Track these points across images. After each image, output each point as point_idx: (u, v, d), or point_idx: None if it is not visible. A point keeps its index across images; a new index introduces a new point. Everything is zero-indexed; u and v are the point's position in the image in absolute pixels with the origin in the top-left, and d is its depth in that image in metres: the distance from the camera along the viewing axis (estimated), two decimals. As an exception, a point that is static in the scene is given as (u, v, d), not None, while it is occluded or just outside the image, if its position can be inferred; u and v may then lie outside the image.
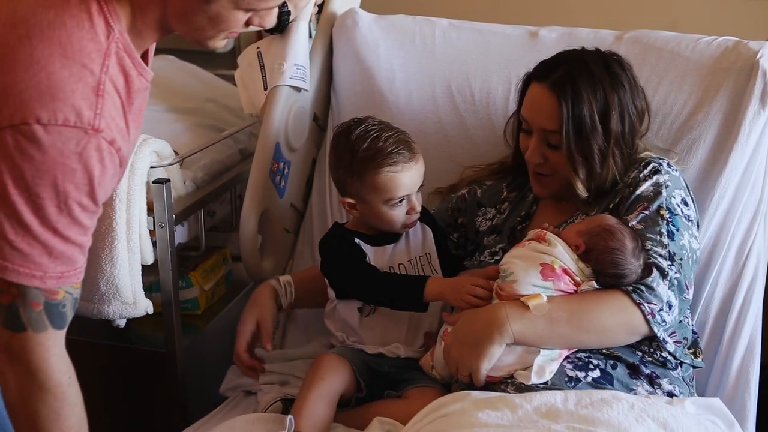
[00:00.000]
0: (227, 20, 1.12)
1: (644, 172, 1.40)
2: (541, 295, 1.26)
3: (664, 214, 1.35)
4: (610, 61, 1.42)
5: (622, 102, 1.39)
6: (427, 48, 1.78)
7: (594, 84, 1.38)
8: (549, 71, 1.41)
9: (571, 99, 1.36)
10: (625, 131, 1.40)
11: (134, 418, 1.71)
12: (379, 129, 1.44)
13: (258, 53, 1.71)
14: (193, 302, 1.77)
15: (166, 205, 1.55)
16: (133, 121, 1.19)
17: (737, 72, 1.55)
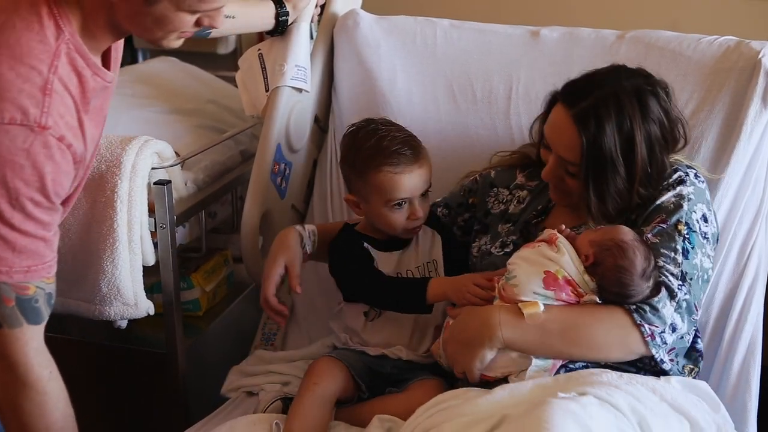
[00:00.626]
0: (173, 22, 1.15)
1: (669, 180, 1.34)
2: (538, 303, 1.25)
3: (681, 230, 1.30)
4: (643, 94, 1.32)
5: (652, 139, 1.31)
6: (428, 48, 1.78)
7: (621, 120, 1.29)
8: (577, 98, 1.32)
9: (594, 134, 1.28)
10: (652, 166, 1.32)
11: (135, 418, 1.71)
12: (387, 129, 1.45)
13: (259, 55, 1.71)
14: (195, 303, 1.77)
15: (168, 206, 1.55)
16: (91, 119, 1.22)
17: (739, 71, 1.55)
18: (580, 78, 1.37)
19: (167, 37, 1.19)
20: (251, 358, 1.67)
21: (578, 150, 1.29)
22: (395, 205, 1.42)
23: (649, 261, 1.26)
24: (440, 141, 1.73)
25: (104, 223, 1.52)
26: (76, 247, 1.55)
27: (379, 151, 1.41)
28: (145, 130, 1.70)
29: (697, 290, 1.30)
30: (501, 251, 1.46)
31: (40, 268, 1.17)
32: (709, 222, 1.34)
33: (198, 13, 1.16)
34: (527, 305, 1.25)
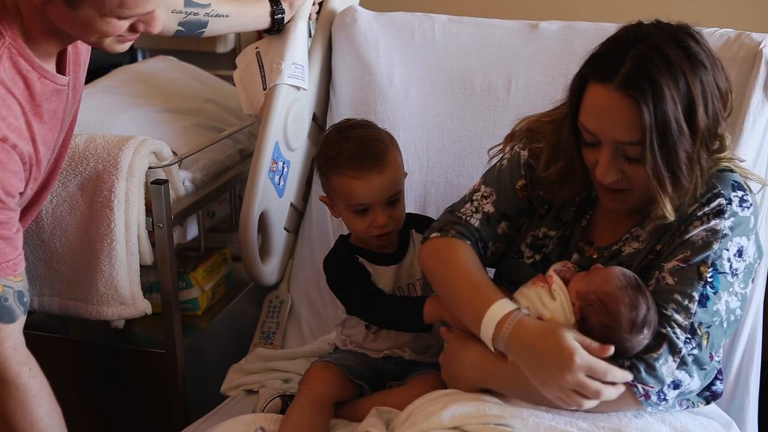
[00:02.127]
0: (102, 27, 1.16)
1: (705, 209, 1.17)
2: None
3: (704, 273, 1.14)
4: (681, 37, 1.12)
5: (706, 88, 1.11)
6: (427, 43, 1.77)
7: (674, 73, 1.08)
8: (613, 67, 1.10)
9: (653, 100, 1.08)
10: (710, 124, 1.12)
11: (135, 418, 1.71)
12: (356, 132, 1.41)
13: (257, 53, 1.71)
14: (194, 302, 1.76)
15: (165, 205, 1.54)
16: (45, 123, 1.24)
17: (740, 62, 1.53)
18: (602, 47, 1.16)
19: (102, 41, 1.20)
20: (250, 356, 1.67)
21: (638, 124, 1.08)
22: (356, 211, 1.39)
23: (638, 310, 1.12)
24: (438, 135, 1.73)
25: (101, 223, 1.52)
26: (73, 247, 1.55)
27: (340, 154, 1.38)
28: (142, 129, 1.70)
29: (718, 336, 1.16)
30: (530, 255, 1.33)
31: (3, 267, 1.18)
32: (744, 254, 1.17)
33: (127, 19, 1.16)
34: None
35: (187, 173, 1.69)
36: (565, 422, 1.15)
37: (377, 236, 1.40)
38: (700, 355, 1.15)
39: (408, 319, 1.38)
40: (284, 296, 1.77)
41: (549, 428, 1.14)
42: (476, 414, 1.16)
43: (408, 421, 1.21)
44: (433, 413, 1.18)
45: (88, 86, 1.89)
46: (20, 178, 1.21)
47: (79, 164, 1.53)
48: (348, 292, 1.43)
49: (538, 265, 1.31)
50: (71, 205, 1.54)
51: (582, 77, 1.16)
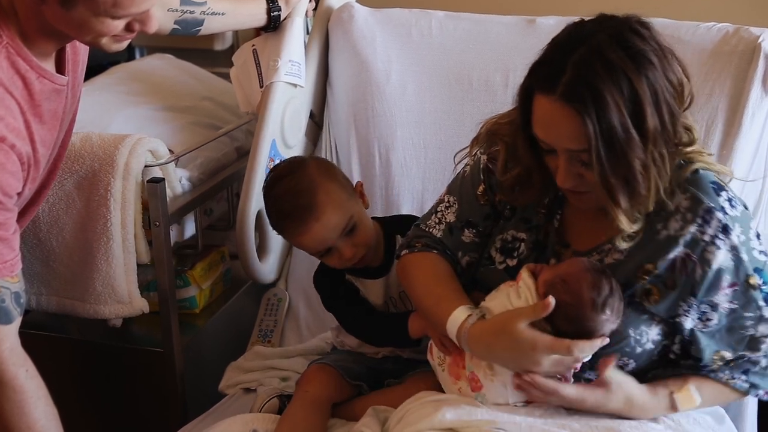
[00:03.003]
0: (97, 27, 1.15)
1: (709, 230, 1.14)
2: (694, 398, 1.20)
3: (754, 283, 1.16)
4: (625, 35, 1.07)
5: (655, 86, 1.06)
6: (424, 39, 1.77)
7: (617, 78, 1.04)
8: (554, 76, 1.07)
9: (596, 110, 1.04)
10: (664, 121, 1.07)
11: (133, 416, 1.71)
12: (276, 191, 1.38)
13: (253, 51, 1.70)
14: (192, 301, 1.76)
15: (161, 204, 1.54)
16: (45, 123, 1.24)
17: (739, 56, 1.53)
18: (544, 53, 1.12)
19: (98, 41, 1.19)
20: (248, 354, 1.67)
21: (583, 133, 1.06)
22: (321, 254, 1.39)
23: (600, 290, 1.11)
24: (436, 131, 1.72)
25: (98, 222, 1.52)
26: (70, 246, 1.55)
27: (275, 215, 1.39)
28: (139, 127, 1.69)
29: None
30: (499, 259, 1.30)
31: (0, 268, 1.17)
32: (760, 237, 1.19)
33: (122, 18, 1.15)
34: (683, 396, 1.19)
35: (184, 171, 1.68)
36: (558, 425, 1.15)
37: (356, 264, 1.39)
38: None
39: (398, 337, 1.38)
40: (282, 294, 1.77)
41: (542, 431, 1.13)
42: (469, 418, 1.16)
43: (401, 422, 1.21)
44: (425, 415, 1.18)
45: (85, 84, 1.86)
46: (18, 179, 1.20)
47: (75, 163, 1.53)
48: (339, 314, 1.44)
49: (512, 270, 1.26)
50: (67, 204, 1.54)
51: (527, 88, 1.13)
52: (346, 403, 1.42)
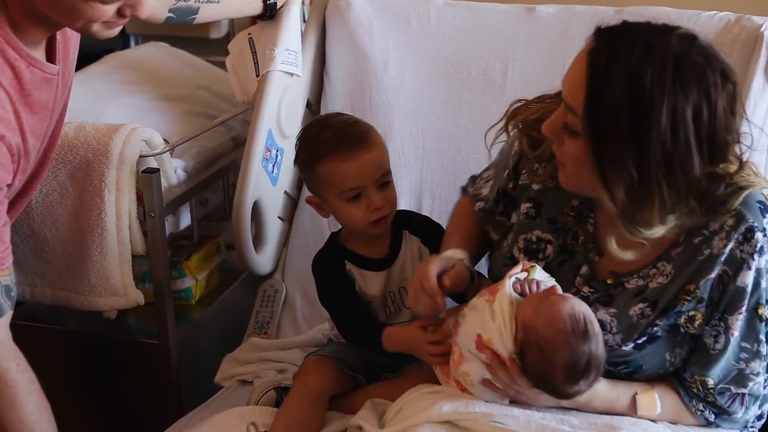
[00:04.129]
0: (88, 13, 1.13)
1: (745, 248, 1.11)
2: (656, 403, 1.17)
3: (762, 313, 1.13)
4: (687, 64, 1.01)
5: (678, 111, 1.00)
6: (422, 27, 1.75)
7: (639, 69, 1.00)
8: (608, 36, 1.05)
9: (600, 73, 1.02)
10: (677, 155, 1.01)
11: (128, 408, 1.70)
12: (331, 122, 1.38)
13: (249, 39, 1.68)
14: (187, 292, 1.75)
15: (156, 194, 1.52)
16: (35, 113, 1.21)
17: (741, 45, 1.51)
18: (611, 26, 1.07)
19: (89, 27, 1.17)
20: (245, 345, 1.65)
21: (582, 88, 1.03)
22: (350, 198, 1.34)
23: (576, 365, 1.05)
24: (434, 121, 1.71)
25: (92, 213, 1.51)
26: (64, 237, 1.54)
27: (322, 142, 1.35)
28: (133, 117, 1.67)
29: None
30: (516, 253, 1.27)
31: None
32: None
33: (112, 3, 1.13)
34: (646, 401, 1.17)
35: (179, 161, 1.67)
36: (557, 420, 1.14)
37: (375, 222, 1.35)
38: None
39: (373, 347, 1.34)
40: (278, 285, 1.75)
41: (540, 426, 1.13)
42: (466, 411, 1.15)
43: (399, 416, 1.21)
44: (423, 408, 1.18)
45: (78, 73, 1.85)
46: (8, 170, 1.18)
47: (69, 153, 1.51)
48: (331, 300, 1.41)
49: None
50: (61, 195, 1.52)
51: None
52: (344, 395, 1.40)
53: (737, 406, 1.17)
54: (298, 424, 1.29)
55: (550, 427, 1.13)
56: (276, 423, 1.30)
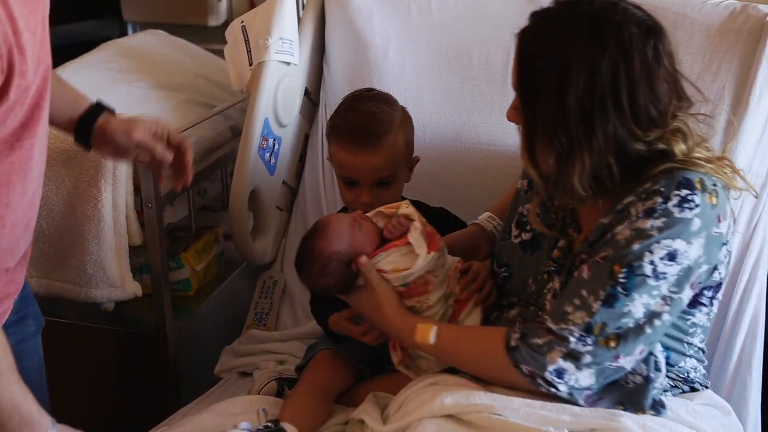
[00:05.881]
0: None
1: (639, 206, 1.10)
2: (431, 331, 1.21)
3: (617, 273, 1.09)
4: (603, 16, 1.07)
5: (594, 69, 1.05)
6: (422, 15, 1.72)
7: (561, 35, 1.07)
8: (530, 19, 1.13)
9: (528, 46, 1.10)
10: (596, 112, 1.05)
11: (127, 400, 1.70)
12: (365, 105, 1.40)
13: (242, 27, 1.66)
14: (185, 283, 1.74)
15: (154, 185, 1.50)
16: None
17: (747, 33, 1.48)
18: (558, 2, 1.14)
19: None
20: (244, 337, 1.65)
21: (516, 71, 1.12)
22: (345, 182, 1.41)
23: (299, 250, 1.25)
24: (435, 110, 1.69)
25: (88, 204, 1.49)
26: (60, 227, 1.52)
27: (341, 123, 1.40)
28: (131, 106, 1.65)
29: (635, 339, 1.10)
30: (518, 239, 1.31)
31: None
32: (680, 257, 1.09)
33: None
34: (423, 330, 1.22)
35: (176, 151, 1.65)
36: (558, 409, 1.13)
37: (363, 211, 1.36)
38: (598, 352, 1.10)
39: (326, 329, 1.40)
40: (278, 276, 1.74)
41: (542, 417, 1.11)
42: (467, 403, 1.14)
43: (401, 411, 1.20)
44: (424, 402, 1.16)
45: (75, 62, 1.85)
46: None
47: (65, 142, 1.49)
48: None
49: (526, 244, 1.28)
50: (57, 185, 1.51)
51: None
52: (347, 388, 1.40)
53: (548, 349, 1.11)
54: (305, 415, 1.29)
55: (552, 418, 1.12)
56: (285, 411, 1.30)
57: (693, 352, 1.22)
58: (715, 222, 1.11)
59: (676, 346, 1.19)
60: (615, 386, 1.14)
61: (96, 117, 1.25)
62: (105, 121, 1.24)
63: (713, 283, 1.17)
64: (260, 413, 1.29)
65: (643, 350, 1.12)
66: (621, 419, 1.11)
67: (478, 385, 1.19)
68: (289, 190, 1.78)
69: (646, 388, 1.13)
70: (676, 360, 1.20)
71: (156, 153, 1.24)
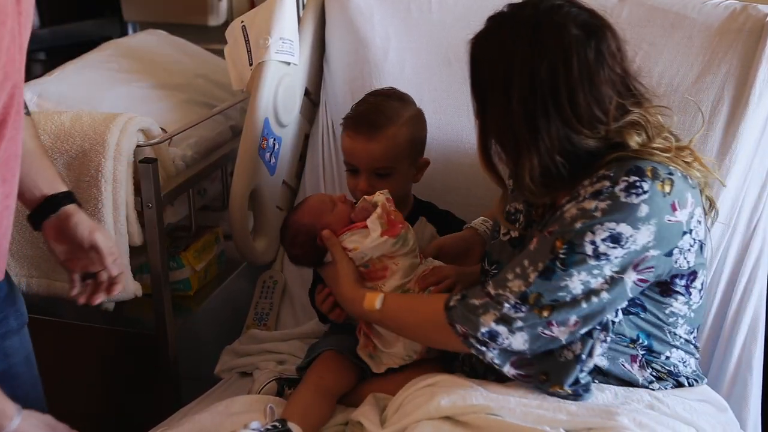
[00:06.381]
0: None
1: (588, 189, 1.13)
2: (376, 298, 1.30)
3: (557, 248, 1.12)
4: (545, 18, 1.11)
5: (534, 71, 1.09)
6: (422, 15, 1.72)
7: (505, 39, 1.12)
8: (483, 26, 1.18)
9: (477, 51, 1.17)
10: (538, 114, 1.09)
11: (127, 400, 1.70)
12: (374, 98, 1.48)
13: (242, 27, 1.66)
14: (185, 283, 1.74)
15: (154, 185, 1.51)
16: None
17: (747, 33, 1.48)
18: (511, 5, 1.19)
19: None
20: (244, 337, 1.65)
21: (469, 71, 1.19)
22: (348, 169, 1.48)
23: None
24: (435, 110, 1.68)
25: (89, 204, 1.49)
26: (60, 228, 1.52)
27: (351, 112, 1.49)
28: (131, 106, 1.66)
29: (568, 312, 1.11)
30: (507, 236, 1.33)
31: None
32: (626, 242, 1.10)
33: None
34: (370, 297, 1.30)
35: (177, 151, 1.65)
36: (554, 408, 1.13)
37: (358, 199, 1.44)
38: (529, 318, 1.13)
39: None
40: (278, 276, 1.74)
41: (538, 417, 1.12)
42: (464, 404, 1.14)
43: (399, 412, 1.20)
44: (421, 404, 1.17)
45: (75, 61, 1.85)
46: None
47: (65, 143, 1.49)
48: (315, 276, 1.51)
49: (515, 241, 1.30)
50: (58, 185, 1.50)
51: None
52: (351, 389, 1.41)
53: (483, 311, 1.15)
54: (310, 415, 1.31)
55: (548, 417, 1.12)
56: (290, 410, 1.31)
57: (680, 343, 1.22)
58: (668, 210, 1.12)
59: (657, 334, 1.20)
60: (548, 356, 1.16)
61: (67, 202, 1.25)
62: (74, 209, 1.25)
63: (683, 271, 1.17)
64: (268, 411, 1.29)
65: (578, 323, 1.13)
66: (617, 418, 1.11)
67: (475, 384, 1.20)
68: (289, 190, 1.78)
69: (573, 367, 1.15)
70: (660, 349, 1.21)
71: (106, 262, 1.25)
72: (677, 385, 1.23)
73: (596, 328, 1.14)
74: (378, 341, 1.36)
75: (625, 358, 1.20)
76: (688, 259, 1.16)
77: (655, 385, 1.21)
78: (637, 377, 1.20)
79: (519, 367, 1.17)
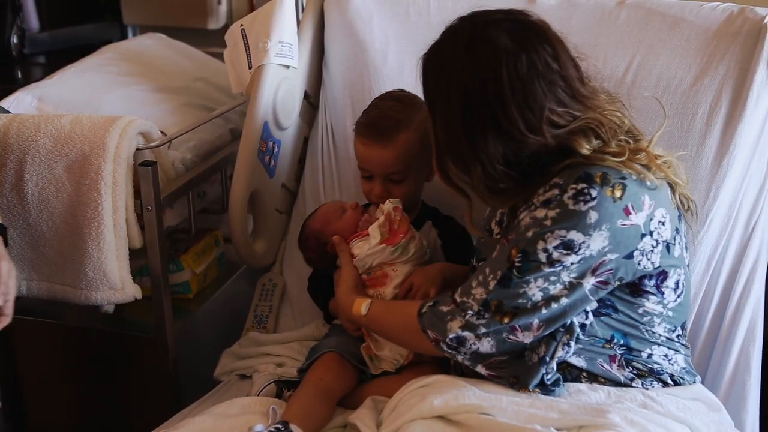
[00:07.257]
0: None
1: (541, 197, 1.15)
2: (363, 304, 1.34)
3: (513, 257, 1.15)
4: (480, 32, 1.14)
5: (467, 86, 1.12)
6: (422, 18, 1.73)
7: (443, 55, 1.18)
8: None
9: (423, 67, 1.22)
10: (475, 130, 1.13)
11: (127, 402, 1.70)
12: (380, 106, 1.50)
13: (242, 30, 1.66)
14: (185, 286, 1.74)
15: (153, 188, 1.51)
16: None
17: (744, 37, 1.49)
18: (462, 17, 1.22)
19: None
20: (243, 340, 1.65)
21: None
22: (363, 175, 1.50)
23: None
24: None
25: (89, 207, 1.49)
26: (60, 231, 1.52)
27: (363, 117, 1.50)
28: (131, 109, 1.66)
29: (529, 318, 1.14)
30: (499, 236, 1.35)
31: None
32: (579, 248, 1.12)
33: None
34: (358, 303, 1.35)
35: (176, 154, 1.65)
36: (545, 407, 1.14)
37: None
38: (491, 325, 1.16)
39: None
40: (277, 279, 1.74)
41: (529, 415, 1.12)
42: (456, 404, 1.15)
43: (393, 414, 1.21)
44: (414, 404, 1.18)
45: (75, 64, 1.85)
46: None
47: (65, 146, 1.50)
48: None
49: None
50: (57, 188, 1.51)
51: None
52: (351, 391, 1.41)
53: (450, 318, 1.19)
54: (311, 416, 1.31)
55: (539, 416, 1.14)
56: (291, 411, 1.31)
57: (661, 341, 1.23)
58: (621, 215, 1.13)
59: (633, 333, 1.22)
60: (518, 360, 1.19)
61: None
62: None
63: (650, 272, 1.18)
64: (270, 412, 1.30)
65: (541, 326, 1.15)
66: (609, 416, 1.12)
67: (469, 384, 1.20)
68: (288, 193, 1.79)
69: (537, 369, 1.17)
70: (639, 347, 1.22)
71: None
72: (662, 382, 1.23)
73: (559, 330, 1.16)
74: (372, 344, 1.39)
75: (603, 358, 1.21)
76: (652, 260, 1.17)
77: (637, 383, 1.21)
78: (618, 376, 1.21)
79: (491, 369, 1.20)
